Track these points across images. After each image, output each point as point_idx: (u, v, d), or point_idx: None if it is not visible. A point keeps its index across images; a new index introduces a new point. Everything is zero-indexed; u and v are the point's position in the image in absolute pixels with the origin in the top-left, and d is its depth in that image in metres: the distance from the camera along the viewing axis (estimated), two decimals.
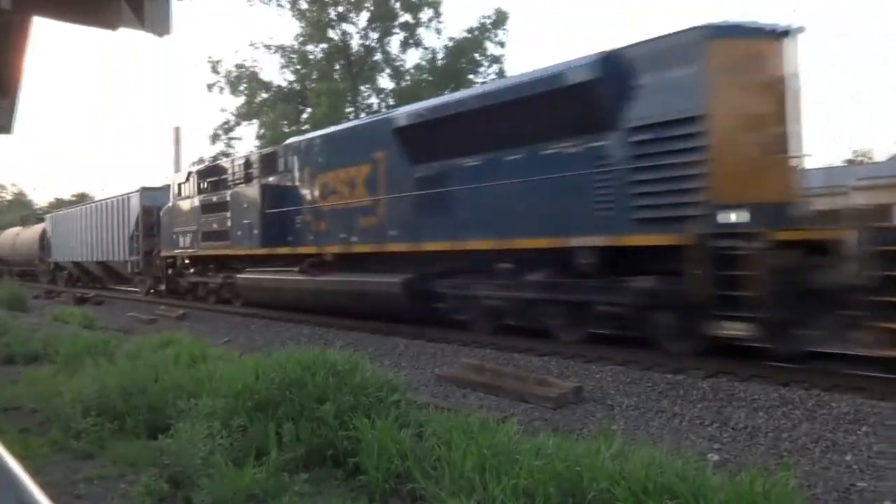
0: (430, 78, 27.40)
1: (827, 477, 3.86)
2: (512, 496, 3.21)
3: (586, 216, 7.87)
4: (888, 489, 3.63)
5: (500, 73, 26.83)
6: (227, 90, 28.63)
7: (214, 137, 29.76)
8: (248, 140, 30.91)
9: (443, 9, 28.24)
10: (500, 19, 27.45)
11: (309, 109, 27.40)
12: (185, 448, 4.03)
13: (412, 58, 32.46)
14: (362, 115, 25.42)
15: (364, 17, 27.51)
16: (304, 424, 4.30)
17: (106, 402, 5.15)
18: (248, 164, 14.80)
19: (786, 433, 4.73)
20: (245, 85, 28.41)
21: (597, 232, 7.68)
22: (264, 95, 28.56)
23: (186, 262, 17.41)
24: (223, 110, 31.51)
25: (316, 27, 27.06)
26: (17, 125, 6.97)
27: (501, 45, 28.02)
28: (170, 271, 18.17)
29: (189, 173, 17.17)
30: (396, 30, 28.01)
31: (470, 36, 27.53)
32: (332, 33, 27.56)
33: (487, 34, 27.53)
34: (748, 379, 6.44)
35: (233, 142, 30.01)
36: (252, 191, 14.00)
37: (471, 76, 27.41)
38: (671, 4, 60.75)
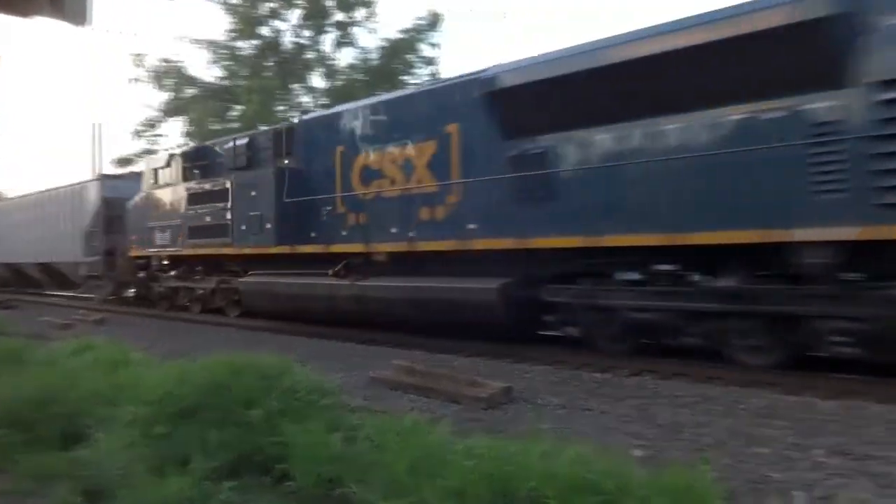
0: (366, 78, 27.21)
1: (744, 469, 4.04)
2: (444, 498, 3.22)
3: (800, 201, 6.10)
4: (797, 479, 3.84)
5: (434, 75, 26.91)
6: (151, 85, 27.65)
7: (137, 133, 28.66)
8: (173, 137, 29.84)
9: (377, 9, 28.14)
10: (434, 21, 27.55)
11: (239, 106, 26.74)
12: (103, 458, 3.86)
13: (346, 57, 32.31)
14: (296, 114, 24.99)
15: (296, 14, 27.10)
16: (232, 430, 4.19)
17: (17, 412, 4.87)
18: (252, 144, 12.55)
19: (706, 428, 4.92)
20: (171, 80, 27.49)
21: (819, 221, 5.98)
22: (191, 91, 27.71)
23: (165, 263, 14.81)
24: (148, 106, 30.42)
25: (246, 23, 26.46)
26: None
27: (435, 46, 28.15)
28: (141, 274, 15.53)
29: (170, 156, 14.47)
30: (330, 28, 27.70)
31: (405, 37, 27.50)
32: (263, 29, 27.01)
33: (422, 35, 27.58)
34: (671, 377, 6.70)
35: (157, 138, 28.98)
36: (264, 176, 11.51)
37: (405, 77, 27.38)
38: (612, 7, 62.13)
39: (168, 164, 14.28)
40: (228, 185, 12.27)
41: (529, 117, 8.05)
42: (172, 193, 13.93)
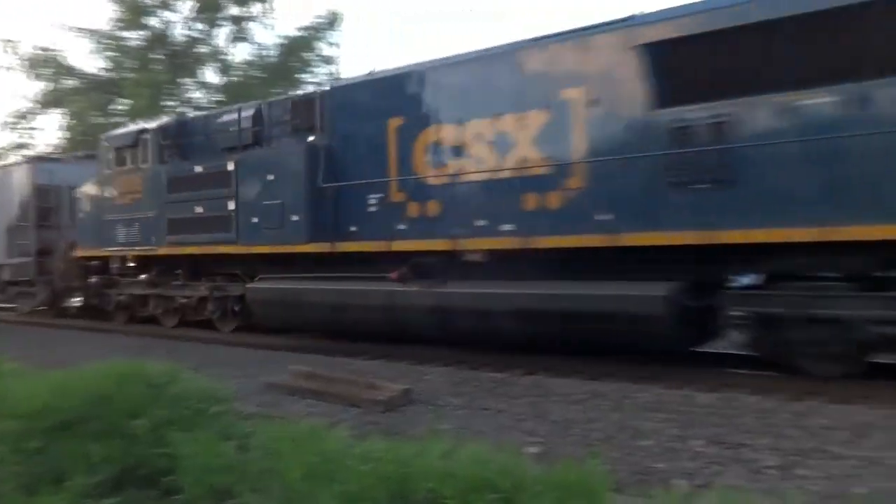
0: (264, 75, 26.50)
1: (631, 461, 4.24)
2: (340, 503, 3.18)
3: None
4: (679, 468, 4.08)
5: (332, 75, 26.58)
6: (25, 74, 25.67)
7: (7, 126, 26.55)
8: (51, 130, 27.93)
9: (275, 5, 27.42)
10: (334, 20, 27.22)
11: (124, 100, 25.31)
12: None
13: (241, 53, 31.19)
14: (189, 111, 23.91)
15: (188, 5, 25.98)
16: (115, 443, 3.95)
17: None
18: (261, 116, 10.25)
19: (597, 423, 5.13)
20: (48, 69, 25.63)
21: None
22: (71, 83, 25.95)
23: (130, 265, 12.15)
24: (21, 96, 28.25)
25: (133, 12, 25.09)
26: None
27: (333, 45, 27.82)
28: (92, 279, 12.71)
29: (140, 131, 11.63)
30: (224, 22, 26.77)
31: (304, 34, 27.00)
32: (151, 20, 25.70)
33: (321, 34, 27.17)
34: (563, 375, 6.93)
35: (31, 132, 26.97)
36: (288, 155, 9.35)
37: (302, 75, 26.90)
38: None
39: (136, 143, 11.59)
40: (231, 167, 9.94)
41: (709, 76, 6.40)
42: (143, 178, 11.34)
